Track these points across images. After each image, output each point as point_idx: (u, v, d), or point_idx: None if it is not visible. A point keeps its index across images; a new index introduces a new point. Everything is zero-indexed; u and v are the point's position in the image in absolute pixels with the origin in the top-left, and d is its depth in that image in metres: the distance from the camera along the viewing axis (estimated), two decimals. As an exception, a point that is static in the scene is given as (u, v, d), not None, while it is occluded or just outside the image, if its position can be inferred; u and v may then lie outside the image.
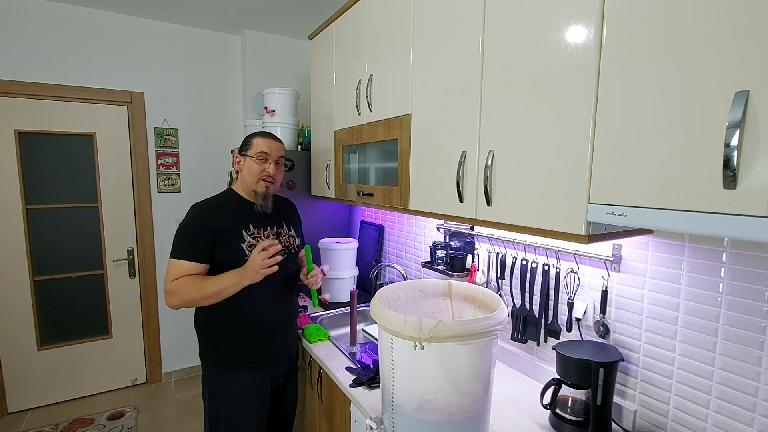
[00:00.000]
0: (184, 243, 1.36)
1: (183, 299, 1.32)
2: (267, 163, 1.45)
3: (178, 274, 1.34)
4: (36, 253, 2.60)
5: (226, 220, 1.40)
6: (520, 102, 1.02)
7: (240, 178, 1.50)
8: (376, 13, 1.63)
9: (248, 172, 1.46)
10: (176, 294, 1.32)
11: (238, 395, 1.43)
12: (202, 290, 1.32)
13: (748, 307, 0.91)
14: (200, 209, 1.41)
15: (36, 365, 2.66)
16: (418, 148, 1.40)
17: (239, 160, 1.49)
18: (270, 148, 1.46)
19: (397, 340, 0.96)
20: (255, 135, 1.49)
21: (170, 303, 1.34)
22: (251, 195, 1.48)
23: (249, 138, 1.49)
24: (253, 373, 1.46)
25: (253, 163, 1.44)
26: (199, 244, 1.36)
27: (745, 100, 0.61)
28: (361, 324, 1.95)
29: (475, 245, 1.65)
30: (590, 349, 1.12)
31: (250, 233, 1.43)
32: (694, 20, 0.68)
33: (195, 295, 1.32)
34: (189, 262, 1.34)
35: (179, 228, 1.39)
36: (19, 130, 2.49)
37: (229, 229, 1.39)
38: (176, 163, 2.92)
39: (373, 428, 1.10)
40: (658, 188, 0.74)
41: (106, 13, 2.62)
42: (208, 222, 1.37)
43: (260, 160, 1.44)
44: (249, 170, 1.45)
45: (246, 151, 1.47)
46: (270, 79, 2.98)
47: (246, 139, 1.50)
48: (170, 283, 1.34)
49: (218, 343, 1.44)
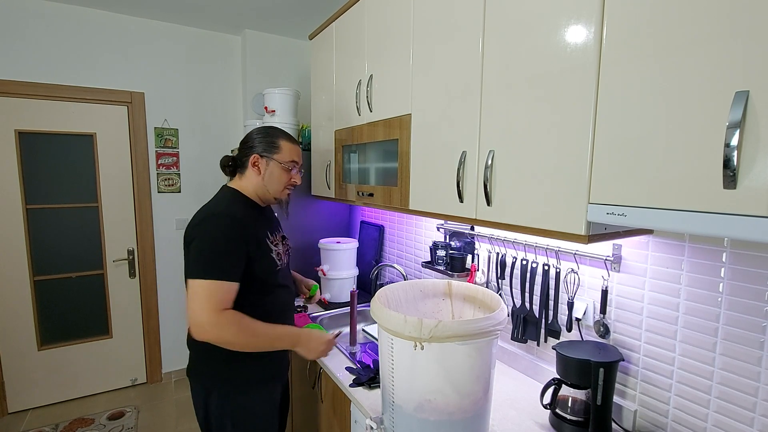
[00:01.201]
0: (224, 261, 1.15)
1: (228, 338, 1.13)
2: (295, 172, 1.37)
3: (223, 300, 1.12)
4: (36, 253, 2.61)
5: (256, 230, 1.26)
6: (520, 102, 1.02)
7: (257, 180, 1.32)
8: (376, 13, 1.63)
9: (272, 179, 1.32)
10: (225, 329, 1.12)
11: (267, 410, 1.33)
12: (256, 338, 1.17)
13: (748, 307, 0.91)
14: (235, 222, 1.20)
15: (36, 365, 2.66)
16: (419, 148, 1.40)
17: (259, 162, 1.31)
18: (300, 156, 1.37)
19: (397, 340, 0.96)
20: (280, 136, 1.34)
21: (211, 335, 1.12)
22: (267, 200, 1.37)
23: (274, 139, 1.33)
24: (278, 383, 1.39)
25: (281, 171, 1.32)
26: (239, 262, 1.18)
27: (745, 100, 0.61)
28: (361, 324, 1.95)
29: (475, 245, 1.65)
30: (590, 349, 1.12)
31: (270, 241, 1.32)
32: (694, 20, 0.68)
33: (242, 339, 1.15)
34: (232, 284, 1.16)
35: (213, 243, 1.16)
36: (19, 130, 2.49)
37: (260, 241, 1.26)
38: (176, 163, 2.92)
39: (373, 428, 1.10)
40: (658, 188, 0.74)
41: (106, 13, 2.62)
42: (245, 236, 1.20)
43: (290, 169, 1.34)
44: (275, 177, 1.32)
45: (271, 155, 1.31)
46: (270, 79, 2.98)
47: (269, 140, 1.32)
48: (220, 314, 1.11)
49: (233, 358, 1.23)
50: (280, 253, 1.35)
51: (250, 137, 1.36)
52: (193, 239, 1.19)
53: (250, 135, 1.37)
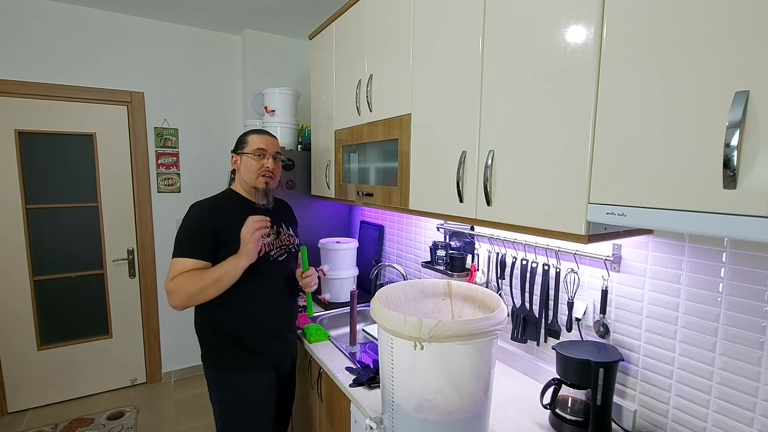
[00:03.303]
0: (185, 241, 1.35)
1: (184, 295, 1.29)
2: (265, 158, 1.46)
3: (178, 272, 1.31)
4: (36, 252, 2.60)
5: (228, 218, 1.38)
6: (520, 102, 1.02)
7: (238, 177, 1.50)
8: (376, 12, 1.63)
9: (246, 170, 1.46)
10: (177, 291, 1.29)
11: (252, 395, 1.44)
12: (202, 280, 1.29)
13: (748, 307, 0.91)
14: (201, 208, 1.40)
15: (36, 365, 2.66)
16: (418, 148, 1.40)
17: (236, 159, 1.49)
18: (266, 143, 1.47)
19: (397, 340, 0.96)
20: (249, 133, 1.50)
21: (173, 302, 1.30)
22: (251, 193, 1.49)
23: (243, 137, 1.50)
24: (262, 372, 1.46)
25: (251, 160, 1.45)
26: (201, 242, 1.34)
27: (745, 100, 0.61)
28: (361, 324, 1.95)
29: (475, 245, 1.65)
30: (590, 349, 1.12)
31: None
32: (694, 20, 0.68)
33: (194, 287, 1.28)
34: (190, 259, 1.32)
35: (180, 227, 1.38)
36: (19, 130, 2.49)
37: (231, 227, 1.36)
38: (176, 162, 2.92)
39: (373, 428, 1.10)
40: (658, 188, 0.74)
41: (106, 13, 2.62)
42: (209, 220, 1.36)
43: (258, 156, 1.45)
44: (247, 167, 1.46)
45: (242, 150, 1.47)
46: (270, 79, 2.98)
47: (240, 138, 1.50)
48: (171, 282, 1.31)
49: (226, 345, 1.42)
50: (267, 243, 1.45)
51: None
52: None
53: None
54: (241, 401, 1.43)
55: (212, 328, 1.43)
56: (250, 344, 1.43)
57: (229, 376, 1.43)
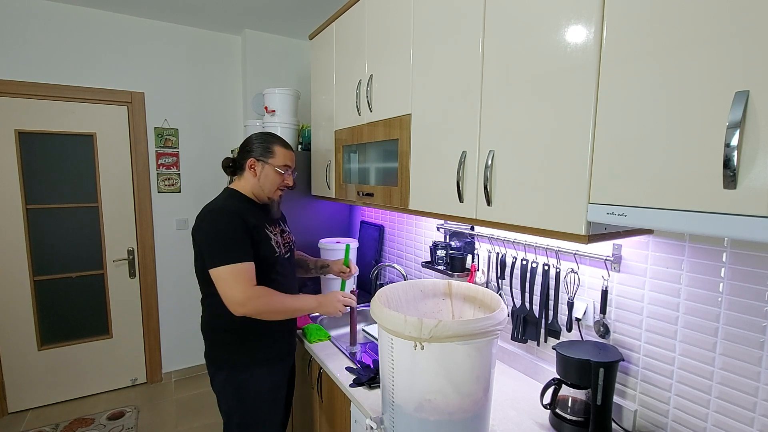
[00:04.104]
0: (236, 246, 1.31)
1: (264, 308, 1.31)
2: (288, 174, 1.48)
3: (250, 277, 1.30)
4: (36, 253, 2.61)
5: (253, 220, 1.39)
6: (520, 102, 1.02)
7: (249, 180, 1.47)
8: (376, 12, 1.63)
9: (267, 181, 1.46)
10: (260, 299, 1.29)
11: (269, 388, 1.46)
12: (284, 304, 1.35)
13: (748, 307, 0.91)
14: (232, 213, 1.35)
15: (36, 365, 2.66)
16: (419, 148, 1.40)
17: (255, 165, 1.45)
18: (293, 161, 1.51)
19: (397, 340, 0.96)
20: (275, 142, 1.48)
21: (249, 308, 1.28)
22: (261, 199, 1.49)
23: (269, 145, 1.46)
24: (280, 365, 1.50)
25: (275, 174, 1.46)
26: (247, 245, 1.34)
27: (745, 101, 0.61)
28: (361, 324, 1.95)
29: (475, 245, 1.65)
30: (590, 349, 1.12)
31: (270, 231, 1.46)
32: (694, 20, 0.68)
33: (276, 306, 1.33)
34: (249, 263, 1.32)
35: (219, 235, 1.32)
36: (19, 130, 2.49)
37: (259, 228, 1.40)
38: (176, 163, 2.92)
39: (373, 428, 1.10)
40: (658, 188, 0.74)
41: (106, 13, 2.62)
42: (245, 223, 1.35)
43: (282, 172, 1.47)
44: (268, 179, 1.46)
45: (266, 159, 1.45)
46: (270, 79, 2.98)
47: (265, 145, 1.46)
48: (252, 288, 1.29)
49: (244, 342, 1.42)
50: (279, 242, 1.48)
51: (249, 142, 1.49)
52: (200, 236, 1.35)
53: (249, 140, 1.50)
54: (256, 396, 1.44)
55: (228, 326, 1.40)
56: (269, 338, 1.45)
57: (247, 371, 1.42)
